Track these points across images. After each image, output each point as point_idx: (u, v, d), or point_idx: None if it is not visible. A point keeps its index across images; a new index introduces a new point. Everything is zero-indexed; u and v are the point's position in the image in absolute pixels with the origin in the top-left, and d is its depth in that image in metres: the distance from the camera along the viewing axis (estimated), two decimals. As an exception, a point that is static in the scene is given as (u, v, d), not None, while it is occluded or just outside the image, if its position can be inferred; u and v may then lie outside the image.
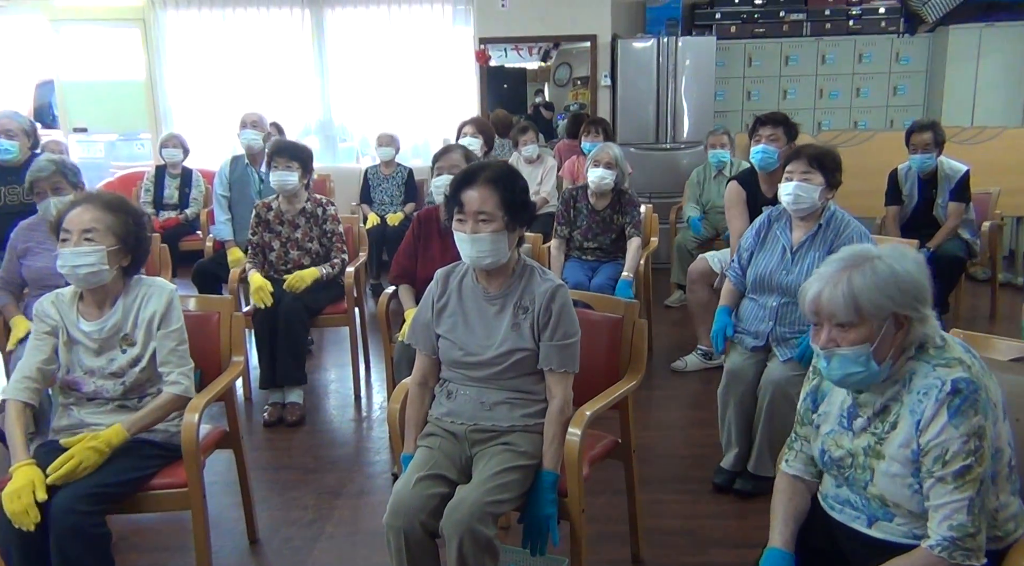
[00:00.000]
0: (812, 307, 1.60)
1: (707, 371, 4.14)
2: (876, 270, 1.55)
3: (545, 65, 7.04)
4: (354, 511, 2.88)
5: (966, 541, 1.47)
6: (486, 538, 1.85)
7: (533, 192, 5.47)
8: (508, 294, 2.11)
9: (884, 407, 1.61)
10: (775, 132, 3.63)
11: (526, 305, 2.08)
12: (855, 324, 1.55)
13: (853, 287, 1.54)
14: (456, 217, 2.05)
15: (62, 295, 2.29)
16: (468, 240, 2.02)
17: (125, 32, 7.08)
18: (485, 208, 2.01)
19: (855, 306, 1.54)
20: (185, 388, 2.25)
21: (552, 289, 2.08)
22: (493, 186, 2.02)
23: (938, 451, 1.50)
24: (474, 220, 2.02)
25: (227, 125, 6.50)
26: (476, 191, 2.02)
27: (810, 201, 2.80)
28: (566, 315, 2.08)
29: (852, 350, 1.56)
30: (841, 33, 6.84)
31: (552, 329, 2.06)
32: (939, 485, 1.50)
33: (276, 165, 3.76)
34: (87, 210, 2.20)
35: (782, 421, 2.71)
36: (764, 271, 2.90)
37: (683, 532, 2.70)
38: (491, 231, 2.01)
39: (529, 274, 2.12)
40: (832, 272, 1.59)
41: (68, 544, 1.97)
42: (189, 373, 2.28)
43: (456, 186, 2.06)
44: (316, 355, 4.65)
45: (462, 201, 2.03)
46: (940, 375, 1.54)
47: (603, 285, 3.90)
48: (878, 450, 1.60)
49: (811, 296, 1.59)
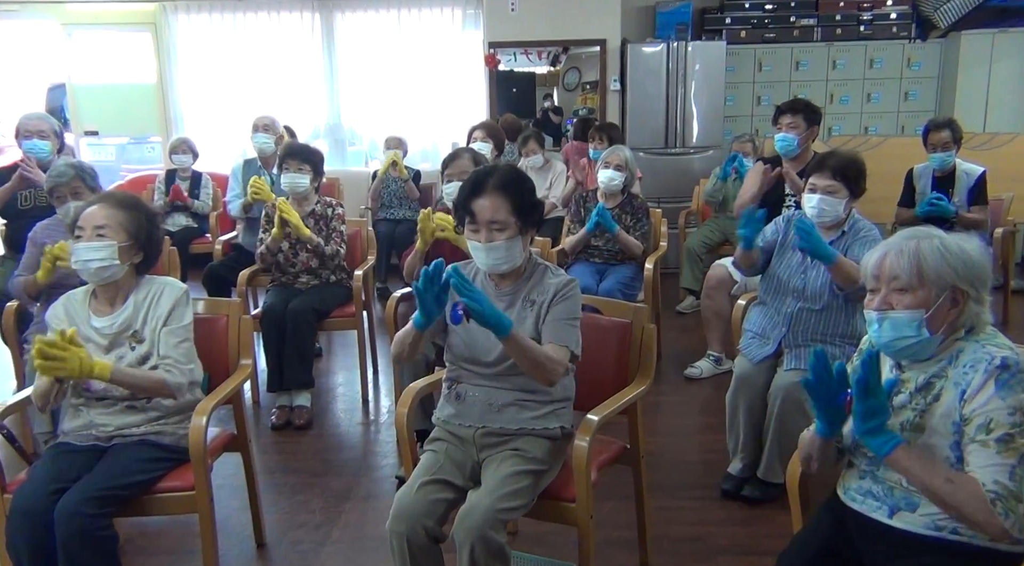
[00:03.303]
0: (874, 271, 1.63)
1: (717, 377, 4.12)
2: (945, 243, 1.59)
3: (554, 70, 7.04)
4: (361, 515, 2.88)
5: (1008, 501, 1.46)
6: (498, 545, 1.84)
7: (542, 196, 5.47)
8: (517, 290, 2.11)
9: (928, 383, 1.62)
10: (794, 120, 3.71)
11: (534, 298, 2.08)
12: (914, 288, 1.58)
13: (920, 251, 1.58)
14: (469, 227, 2.05)
15: (74, 295, 2.32)
16: (483, 250, 2.02)
17: (136, 36, 7.12)
18: (497, 217, 2.00)
19: (919, 269, 1.57)
20: (176, 382, 2.21)
21: (564, 281, 2.09)
22: (503, 193, 2.01)
23: (983, 419, 1.51)
24: (487, 229, 2.01)
25: (237, 128, 6.53)
26: (487, 200, 2.01)
27: (834, 214, 2.80)
28: (572, 301, 2.07)
29: (906, 313, 1.58)
30: (852, 38, 6.81)
31: (556, 310, 2.04)
32: (982, 449, 1.50)
33: (288, 167, 3.78)
34: (101, 208, 2.25)
35: (792, 427, 2.68)
36: (783, 273, 2.89)
37: (691, 539, 2.68)
38: (505, 239, 2.01)
39: (541, 271, 2.13)
40: (898, 240, 1.63)
41: (75, 546, 1.97)
42: (186, 372, 2.25)
43: (465, 195, 2.05)
44: (324, 359, 4.65)
45: (473, 211, 2.03)
46: (990, 351, 1.56)
47: (611, 289, 3.89)
48: (917, 423, 1.60)
49: (875, 260, 1.63)
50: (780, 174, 3.69)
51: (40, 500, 2.02)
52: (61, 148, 4.03)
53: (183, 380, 2.24)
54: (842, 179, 2.78)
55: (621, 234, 4.03)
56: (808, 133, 3.75)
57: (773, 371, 2.85)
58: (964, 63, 6.53)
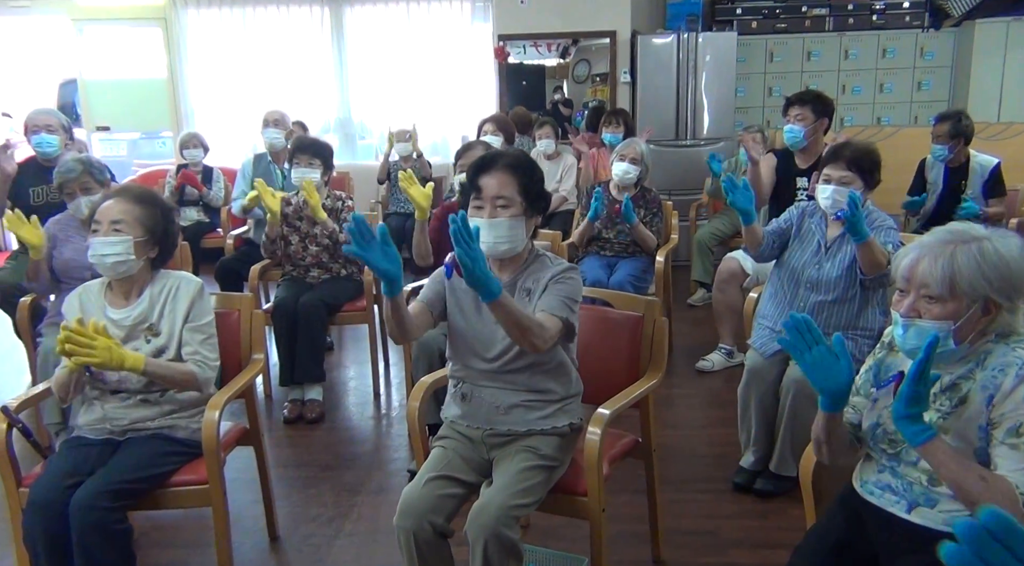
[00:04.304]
0: (906, 273, 1.57)
1: (728, 370, 4.11)
2: (983, 251, 1.51)
3: (564, 62, 7.01)
4: (373, 509, 2.89)
5: None
6: (511, 541, 1.84)
7: (552, 189, 5.46)
8: (515, 280, 2.08)
9: (953, 385, 1.58)
10: (802, 111, 3.70)
11: (529, 286, 2.05)
12: (944, 299, 1.53)
13: (955, 263, 1.51)
14: (473, 203, 2.02)
15: (89, 287, 2.33)
16: (486, 225, 1.97)
17: (147, 31, 7.14)
18: (504, 193, 1.99)
19: (951, 282, 1.51)
20: (206, 376, 2.26)
21: (563, 267, 2.05)
22: (512, 172, 2.00)
23: (1012, 423, 1.47)
24: (492, 205, 1.99)
25: (248, 123, 6.54)
26: (495, 177, 2.00)
27: None
28: (570, 284, 2.01)
29: (933, 323, 1.53)
30: (864, 28, 6.75)
31: (552, 289, 1.99)
32: (1012, 452, 1.46)
33: (298, 162, 3.79)
34: (118, 202, 2.26)
35: (805, 420, 2.67)
36: (796, 264, 2.87)
37: (703, 532, 2.68)
38: (509, 216, 1.99)
39: (540, 262, 2.10)
40: (935, 243, 1.55)
41: (90, 539, 1.99)
42: (214, 366, 2.30)
43: (474, 171, 2.04)
44: (335, 353, 4.66)
45: (480, 186, 2.01)
46: (1020, 354, 1.52)
47: (622, 282, 3.88)
48: (941, 425, 1.57)
49: (907, 262, 1.57)
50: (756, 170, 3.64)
51: (56, 493, 2.03)
52: (69, 143, 4.05)
53: (211, 374, 2.29)
54: (857, 170, 2.75)
55: (638, 226, 4.02)
56: (817, 125, 3.73)
57: (785, 364, 2.83)
58: (978, 52, 6.47)
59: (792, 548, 1.76)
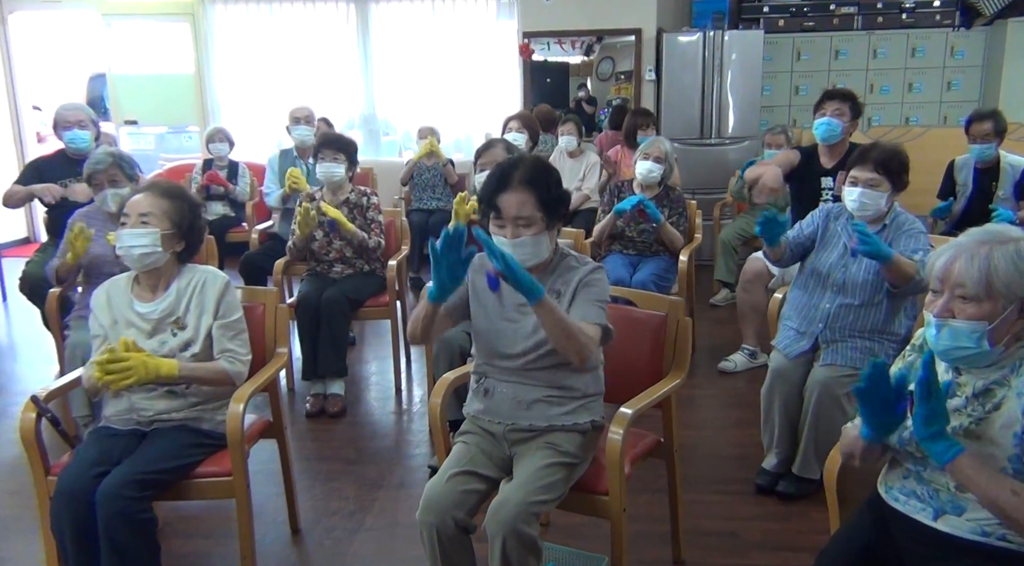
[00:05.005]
0: (940, 273, 1.55)
1: (752, 370, 4.08)
2: (1020, 251, 1.50)
3: (588, 59, 7.00)
4: (394, 503, 2.90)
5: None
6: (531, 538, 1.84)
7: (575, 188, 5.45)
8: (542, 282, 2.06)
9: (987, 389, 1.55)
10: (841, 106, 3.67)
11: (559, 289, 2.05)
12: (980, 299, 1.51)
13: (992, 262, 1.49)
14: (494, 222, 2.01)
15: (116, 281, 2.36)
16: (510, 246, 1.98)
17: (175, 26, 7.20)
18: (523, 213, 1.97)
19: (987, 282, 1.49)
20: (237, 371, 2.30)
21: (590, 268, 2.06)
22: (529, 187, 1.97)
23: None
24: (514, 225, 1.98)
25: (273, 118, 6.59)
26: (513, 195, 1.97)
27: (875, 208, 2.73)
28: (599, 286, 2.04)
29: (968, 324, 1.51)
30: (894, 27, 6.67)
31: (582, 294, 2.02)
32: None
33: (323, 157, 3.81)
34: (146, 196, 2.30)
35: (828, 423, 2.65)
36: (822, 266, 2.84)
37: (725, 533, 2.66)
38: (532, 234, 1.98)
39: (566, 262, 2.10)
40: (971, 243, 1.54)
41: (116, 528, 2.01)
42: (246, 361, 2.34)
43: (491, 190, 2.01)
44: (357, 347, 4.69)
45: (499, 206, 1.99)
46: None
47: (645, 281, 3.86)
48: (972, 431, 1.54)
49: (942, 262, 1.55)
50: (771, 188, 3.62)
51: (83, 482, 2.06)
52: (98, 137, 4.10)
53: (244, 369, 2.32)
54: (884, 172, 2.72)
55: (665, 225, 4.00)
56: (852, 124, 3.71)
57: (809, 365, 2.81)
58: (1010, 51, 6.36)
59: (815, 552, 1.75)
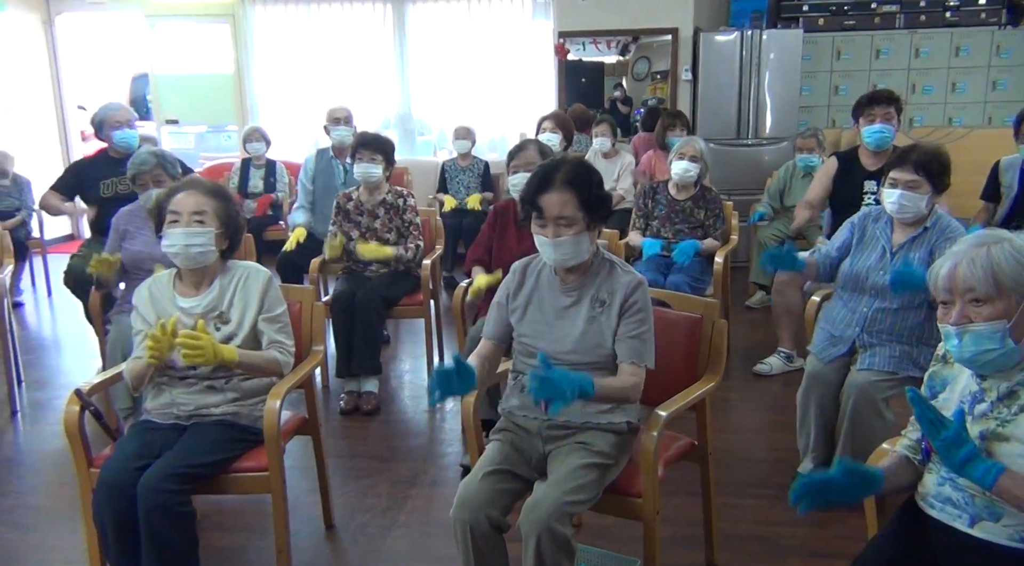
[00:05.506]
0: (946, 283, 1.55)
1: (787, 374, 4.03)
2: (1016, 246, 1.52)
3: (623, 59, 6.97)
4: (427, 501, 2.92)
5: None
6: (564, 538, 1.84)
7: (609, 188, 5.43)
8: (584, 286, 2.09)
9: (1011, 392, 1.55)
10: (889, 110, 3.61)
11: (603, 298, 2.06)
12: (992, 298, 1.51)
13: (993, 259, 1.51)
14: (536, 222, 2.03)
15: (159, 278, 2.41)
16: (551, 245, 2.00)
17: (215, 27, 7.33)
18: (565, 212, 1.98)
19: (994, 278, 1.50)
20: (287, 361, 2.37)
21: (636, 281, 2.07)
22: (571, 188, 1.98)
23: None
24: (555, 225, 1.99)
25: (310, 118, 6.67)
26: (555, 195, 1.98)
27: (915, 210, 2.69)
28: (644, 313, 2.06)
29: (987, 326, 1.51)
30: (937, 25, 6.54)
31: (632, 322, 2.03)
32: None
33: (361, 157, 3.84)
34: (193, 194, 2.33)
35: (866, 427, 2.62)
36: (860, 269, 2.80)
37: (759, 538, 2.64)
38: (573, 234, 1.99)
39: (608, 268, 2.10)
40: (966, 248, 1.55)
41: (156, 520, 2.05)
42: (292, 351, 2.40)
43: (533, 190, 2.03)
44: (391, 346, 4.72)
45: (541, 206, 2.00)
46: None
47: (679, 282, 3.83)
48: (1000, 432, 1.53)
49: (945, 271, 1.55)
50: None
51: (124, 475, 2.10)
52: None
53: (291, 360, 2.39)
54: (925, 174, 2.66)
55: (703, 249, 3.98)
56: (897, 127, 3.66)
57: (846, 369, 2.77)
58: (1059, 51, 6.22)
59: (851, 558, 1.73)
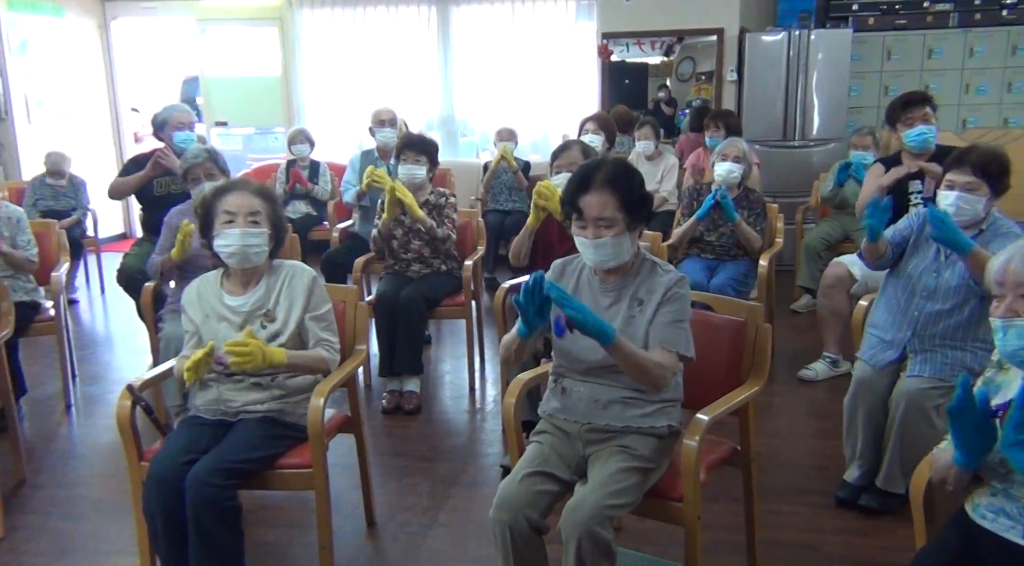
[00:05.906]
0: (999, 276, 1.57)
1: (833, 379, 3.96)
2: None
3: (668, 60, 6.92)
4: (467, 501, 2.93)
5: None
6: (605, 541, 1.84)
7: (652, 190, 5.39)
8: (624, 286, 2.08)
9: None
10: (927, 111, 3.57)
11: (642, 297, 2.05)
12: None
13: None
14: (576, 223, 2.03)
15: (207, 278, 2.46)
16: (591, 246, 2.00)
17: (264, 31, 7.46)
18: (605, 214, 1.98)
19: None
20: (333, 358, 2.41)
21: (675, 278, 2.05)
22: (611, 189, 1.98)
23: None
24: (595, 226, 1.99)
25: (356, 119, 6.74)
26: (595, 196, 1.98)
27: (973, 213, 2.62)
28: (682, 302, 2.04)
29: None
30: (993, 24, 6.36)
31: (668, 311, 2.02)
32: None
33: (405, 158, 3.88)
34: (245, 195, 2.38)
35: (916, 436, 2.56)
36: (914, 272, 2.74)
37: (803, 546, 2.60)
38: (613, 235, 1.99)
39: (649, 268, 2.09)
40: (1022, 243, 1.56)
41: (203, 514, 2.10)
42: (338, 348, 2.44)
43: (573, 191, 2.03)
44: (433, 346, 4.75)
45: (580, 207, 2.00)
46: None
47: (723, 285, 3.80)
48: None
49: (999, 264, 1.57)
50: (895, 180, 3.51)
51: (173, 469, 2.15)
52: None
53: (338, 357, 2.44)
54: (983, 176, 2.60)
55: (741, 224, 3.93)
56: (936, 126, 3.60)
57: (896, 375, 2.72)
58: (1121, 49, 6.01)
59: (899, 570, 1.70)
